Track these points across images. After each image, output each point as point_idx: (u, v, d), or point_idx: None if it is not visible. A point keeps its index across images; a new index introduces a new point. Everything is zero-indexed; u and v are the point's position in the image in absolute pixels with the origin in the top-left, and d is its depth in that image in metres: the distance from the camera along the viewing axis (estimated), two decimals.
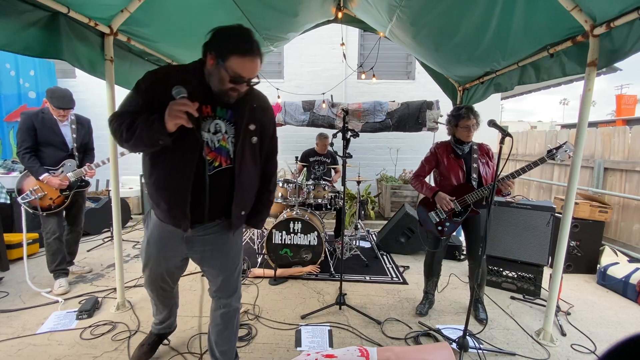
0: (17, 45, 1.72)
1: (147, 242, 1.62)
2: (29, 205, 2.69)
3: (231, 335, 1.75)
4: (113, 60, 2.30)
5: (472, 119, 2.32)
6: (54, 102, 2.66)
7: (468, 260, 2.58)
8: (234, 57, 1.28)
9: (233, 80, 1.31)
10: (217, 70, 1.32)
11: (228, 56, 1.28)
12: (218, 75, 1.32)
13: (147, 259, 1.66)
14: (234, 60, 1.28)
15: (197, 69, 1.41)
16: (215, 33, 1.35)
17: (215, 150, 1.44)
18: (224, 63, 1.29)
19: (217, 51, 1.31)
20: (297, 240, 3.23)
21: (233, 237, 1.64)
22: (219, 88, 1.36)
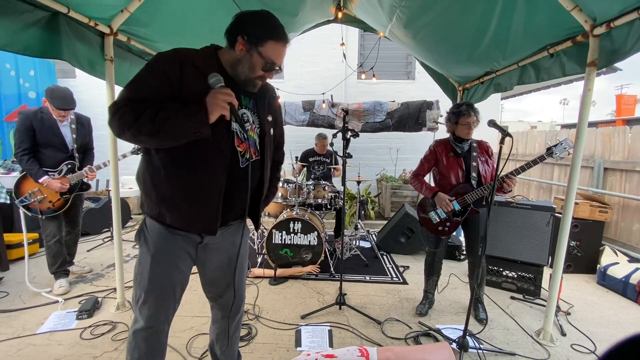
0: (17, 45, 1.72)
1: (151, 261, 1.28)
2: (27, 209, 2.65)
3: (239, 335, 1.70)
4: (113, 60, 2.30)
5: (473, 116, 2.31)
6: (54, 103, 2.58)
7: (468, 260, 2.58)
8: (271, 42, 1.21)
9: (266, 66, 1.24)
10: (248, 56, 1.22)
11: (264, 41, 1.20)
12: (250, 61, 1.22)
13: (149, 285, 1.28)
14: (270, 46, 1.21)
15: (213, 55, 1.29)
16: (245, 17, 1.24)
17: (245, 141, 1.31)
18: (257, 48, 1.20)
19: (250, 36, 1.20)
20: (297, 240, 3.23)
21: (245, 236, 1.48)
22: (247, 75, 1.25)
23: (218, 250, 1.40)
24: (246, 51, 1.22)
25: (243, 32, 1.21)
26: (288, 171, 6.13)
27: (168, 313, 1.37)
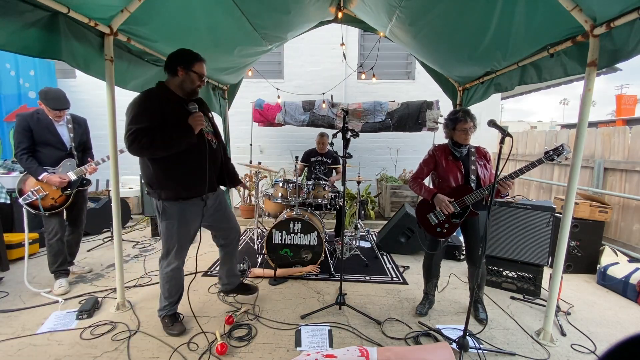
0: (16, 45, 1.72)
1: (177, 226, 2.04)
2: (30, 206, 2.68)
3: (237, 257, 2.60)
4: (113, 60, 2.30)
5: (469, 122, 2.33)
6: (50, 104, 2.64)
7: (467, 263, 2.58)
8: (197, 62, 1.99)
9: (200, 78, 2.01)
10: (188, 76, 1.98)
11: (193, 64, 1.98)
12: (190, 78, 1.99)
13: (178, 241, 2.08)
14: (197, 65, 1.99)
15: (164, 88, 2.01)
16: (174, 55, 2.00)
17: (210, 133, 2.14)
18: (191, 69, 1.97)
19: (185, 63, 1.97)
20: (297, 240, 3.23)
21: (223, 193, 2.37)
22: (191, 88, 2.01)
23: (214, 205, 2.24)
24: (185, 74, 1.98)
25: (179, 63, 1.97)
26: (289, 171, 6.16)
27: (185, 254, 2.19)
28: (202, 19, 2.56)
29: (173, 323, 2.22)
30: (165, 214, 2.04)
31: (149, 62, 2.84)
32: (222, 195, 2.34)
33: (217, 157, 2.15)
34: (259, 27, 2.99)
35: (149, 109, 1.87)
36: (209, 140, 2.07)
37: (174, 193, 1.99)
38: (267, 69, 6.08)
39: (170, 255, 2.12)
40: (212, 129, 2.19)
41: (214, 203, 2.23)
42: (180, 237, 2.08)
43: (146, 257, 3.72)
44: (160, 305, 2.25)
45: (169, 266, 2.14)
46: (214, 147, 2.12)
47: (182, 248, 2.13)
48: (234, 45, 3.23)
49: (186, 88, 2.00)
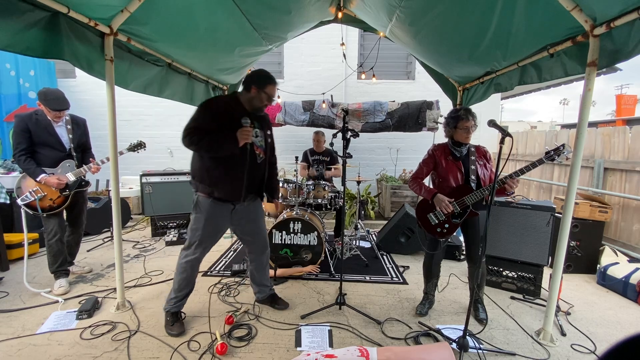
0: (19, 45, 1.72)
1: (204, 221, 2.20)
2: (29, 207, 2.68)
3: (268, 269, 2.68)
4: (113, 60, 2.30)
5: (471, 120, 2.32)
6: (50, 104, 2.63)
7: (467, 262, 2.57)
8: (269, 85, 2.19)
9: (268, 99, 2.22)
10: (259, 94, 2.19)
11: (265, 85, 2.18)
12: (259, 97, 2.19)
13: (202, 235, 2.22)
14: (269, 87, 2.19)
15: (236, 99, 2.24)
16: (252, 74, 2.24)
17: (260, 147, 2.30)
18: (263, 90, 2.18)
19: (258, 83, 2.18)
20: (297, 240, 3.23)
21: (261, 206, 2.50)
22: (258, 105, 2.23)
23: (244, 213, 2.35)
24: (257, 92, 2.18)
25: (254, 83, 2.19)
26: (289, 171, 6.16)
27: (206, 251, 2.32)
28: (202, 19, 2.55)
29: (174, 323, 2.25)
30: (197, 207, 2.22)
31: (150, 62, 2.84)
32: (256, 209, 2.43)
33: (259, 170, 2.30)
34: (259, 27, 2.99)
35: (210, 113, 2.11)
36: (256, 154, 2.24)
37: (209, 191, 2.17)
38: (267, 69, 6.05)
39: (192, 247, 2.24)
40: (264, 145, 2.33)
41: (244, 212, 2.34)
42: (204, 233, 2.22)
43: (146, 257, 3.72)
44: (168, 298, 2.32)
45: (187, 257, 2.25)
46: (258, 162, 2.27)
47: (204, 244, 2.25)
48: (234, 45, 3.23)
49: (254, 104, 2.21)
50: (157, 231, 4.51)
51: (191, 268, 2.28)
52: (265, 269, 2.61)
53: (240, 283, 3.01)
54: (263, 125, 2.35)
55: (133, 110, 6.25)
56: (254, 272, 2.59)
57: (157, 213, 4.51)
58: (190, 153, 2.19)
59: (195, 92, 3.67)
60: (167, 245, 4.11)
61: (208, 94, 3.99)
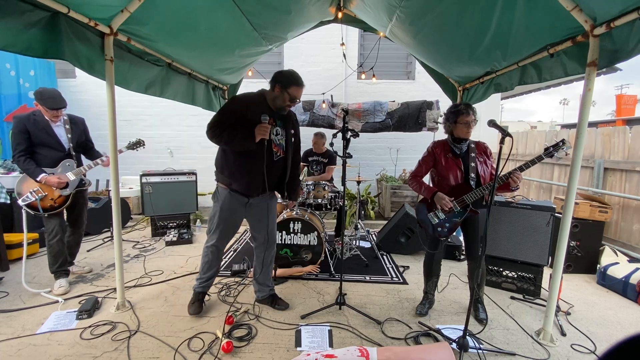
0: (19, 45, 1.72)
1: (220, 210, 2.34)
2: (30, 207, 2.68)
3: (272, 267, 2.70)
4: (113, 60, 2.30)
5: (471, 115, 2.31)
6: (47, 104, 2.63)
7: (467, 261, 2.57)
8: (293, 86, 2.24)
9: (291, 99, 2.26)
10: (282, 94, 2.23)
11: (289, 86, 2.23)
12: (282, 97, 2.24)
13: (218, 222, 2.36)
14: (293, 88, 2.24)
15: (262, 96, 2.31)
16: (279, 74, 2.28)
17: (278, 146, 2.34)
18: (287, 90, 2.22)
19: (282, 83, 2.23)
20: (297, 240, 3.23)
21: (274, 203, 2.56)
22: (281, 105, 2.27)
23: (257, 207, 2.43)
24: (280, 92, 2.24)
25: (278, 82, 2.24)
26: None
27: (226, 240, 2.47)
28: (202, 19, 2.55)
29: (194, 302, 2.49)
30: (216, 195, 2.39)
31: (150, 62, 2.83)
32: (269, 205, 2.47)
33: (276, 168, 2.35)
34: (259, 27, 2.99)
35: (234, 108, 2.22)
36: (273, 152, 2.30)
37: (227, 182, 2.31)
38: (267, 69, 6.06)
39: (211, 233, 2.42)
40: (285, 144, 2.38)
41: (257, 206, 2.42)
42: (221, 221, 2.36)
43: (146, 257, 3.72)
44: (196, 278, 2.53)
45: (207, 243, 2.44)
46: (275, 159, 2.32)
47: (220, 231, 2.39)
48: (234, 46, 3.23)
49: (277, 103, 2.27)
50: (157, 231, 4.51)
51: (212, 254, 2.44)
52: (268, 268, 2.63)
53: (240, 283, 3.01)
54: (286, 125, 2.39)
55: (133, 110, 6.24)
56: (257, 268, 2.62)
57: (157, 213, 4.51)
58: (191, 153, 2.22)
59: (196, 92, 3.67)
60: (167, 245, 4.11)
61: (208, 93, 3.99)
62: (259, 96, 2.31)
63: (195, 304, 2.49)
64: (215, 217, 2.37)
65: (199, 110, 4.03)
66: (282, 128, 2.37)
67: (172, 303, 2.64)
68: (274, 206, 2.55)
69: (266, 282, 2.63)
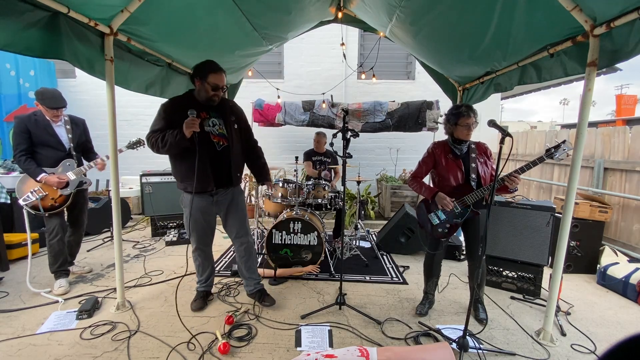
0: (18, 45, 1.72)
1: (189, 214, 2.31)
2: (31, 207, 2.68)
3: (254, 261, 2.64)
4: (113, 60, 2.30)
5: (472, 117, 2.31)
6: (47, 103, 2.64)
7: (467, 261, 2.57)
8: (211, 74, 2.19)
9: (214, 88, 2.22)
10: (202, 86, 2.21)
11: (207, 75, 2.19)
12: (204, 88, 2.21)
13: (192, 227, 2.38)
14: (212, 76, 2.20)
15: (189, 95, 2.32)
16: (195, 67, 2.24)
17: (218, 135, 2.31)
18: (206, 80, 2.19)
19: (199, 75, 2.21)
20: (297, 240, 3.23)
21: (239, 195, 2.52)
22: (205, 96, 2.24)
23: (222, 203, 2.43)
24: (200, 84, 2.23)
25: (196, 75, 2.23)
26: (289, 171, 6.16)
27: (206, 240, 2.51)
28: (202, 19, 2.55)
29: (197, 299, 2.57)
30: (182, 202, 2.42)
31: (150, 62, 2.84)
32: (234, 197, 2.48)
33: (221, 158, 2.32)
34: (260, 27, 2.99)
35: (163, 114, 2.22)
36: (214, 142, 2.29)
37: (184, 186, 2.33)
38: (267, 69, 6.08)
39: (192, 239, 2.46)
40: (226, 132, 2.34)
41: (223, 201, 2.42)
42: (194, 225, 2.39)
43: (146, 257, 3.72)
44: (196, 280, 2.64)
45: (192, 247, 2.50)
46: (218, 149, 2.30)
47: (197, 235, 2.43)
48: (234, 46, 3.23)
49: (202, 96, 2.25)
50: (157, 231, 4.51)
51: (200, 257, 2.52)
52: (248, 262, 2.60)
53: (240, 283, 3.01)
54: (223, 114, 2.36)
55: (133, 110, 6.25)
56: (238, 264, 2.65)
57: (157, 213, 4.51)
58: None
59: None
60: (167, 245, 4.11)
61: None
62: (186, 96, 2.32)
63: (198, 301, 2.54)
64: (187, 222, 2.37)
65: None
66: (219, 118, 2.34)
67: (172, 303, 2.64)
68: (240, 198, 2.53)
69: (251, 275, 2.62)
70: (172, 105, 2.25)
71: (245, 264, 2.60)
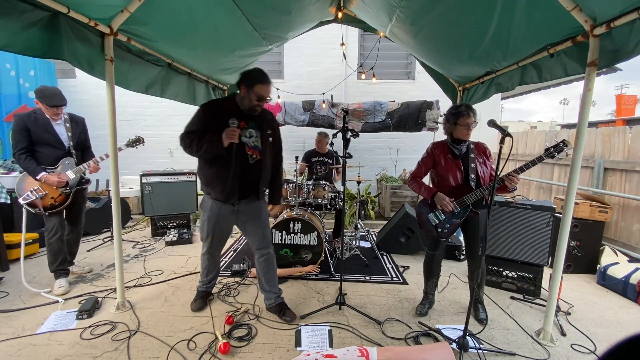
0: (18, 45, 1.72)
1: (207, 219, 2.34)
2: (30, 206, 2.69)
3: (274, 273, 2.52)
4: (113, 60, 2.30)
5: (471, 117, 2.31)
6: (47, 101, 2.64)
7: (467, 261, 2.57)
8: (258, 84, 2.14)
9: (258, 99, 2.16)
10: (248, 94, 2.15)
11: (254, 84, 2.13)
12: (249, 97, 2.15)
13: (207, 232, 2.38)
14: (258, 86, 2.14)
15: (232, 100, 2.26)
16: (243, 73, 2.19)
17: (253, 148, 2.26)
18: (252, 89, 2.13)
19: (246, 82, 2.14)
20: (297, 240, 3.23)
21: (262, 206, 2.45)
22: (249, 105, 2.18)
23: (245, 214, 2.35)
24: (246, 92, 2.16)
25: (242, 82, 2.17)
26: (289, 171, 6.16)
27: (218, 247, 2.52)
28: (202, 19, 2.55)
29: (197, 299, 2.57)
30: (202, 205, 2.41)
31: (150, 62, 2.84)
32: (257, 209, 2.39)
33: (252, 171, 2.26)
34: (260, 27, 2.99)
35: (202, 116, 2.18)
36: (248, 155, 2.24)
37: (206, 191, 2.33)
38: (267, 69, 6.00)
39: (204, 242, 2.46)
40: (260, 145, 2.28)
41: (245, 212, 2.35)
42: (210, 230, 2.37)
43: (146, 257, 3.72)
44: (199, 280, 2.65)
45: (202, 250, 2.52)
46: (250, 162, 2.25)
47: (211, 240, 2.42)
48: (234, 46, 3.23)
49: (245, 104, 2.20)
50: (157, 231, 4.51)
51: (207, 260, 2.53)
52: (267, 274, 2.47)
53: (240, 283, 3.01)
54: (261, 125, 2.30)
55: (133, 110, 6.25)
56: (258, 276, 2.53)
57: (157, 213, 4.51)
58: None
59: (196, 92, 3.67)
60: (167, 245, 4.11)
61: (208, 94, 3.99)
62: (228, 100, 2.27)
63: (198, 301, 2.54)
64: (204, 227, 2.38)
65: None
66: (257, 129, 2.28)
67: (172, 303, 2.64)
68: (264, 210, 2.45)
69: (269, 288, 2.49)
70: (212, 108, 2.21)
71: (265, 275, 2.47)
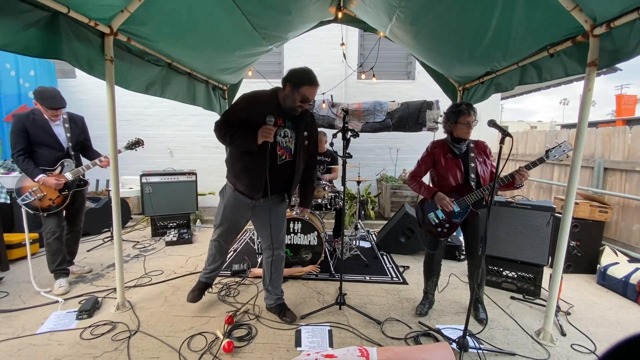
0: (17, 45, 1.71)
1: (223, 207, 2.34)
2: (29, 207, 2.68)
3: (280, 276, 2.49)
4: (113, 60, 2.30)
5: (472, 115, 2.30)
6: (46, 104, 2.62)
7: (467, 261, 2.57)
8: (305, 86, 2.09)
9: (302, 99, 2.10)
10: (292, 94, 2.09)
11: (301, 85, 2.08)
12: (292, 96, 2.10)
13: (222, 220, 2.37)
14: (305, 88, 2.09)
15: (274, 95, 2.18)
16: (291, 71, 2.14)
17: (284, 148, 2.21)
18: (298, 89, 2.08)
19: (293, 82, 2.09)
20: (297, 240, 3.23)
21: (283, 207, 2.41)
22: (291, 105, 2.12)
23: (262, 211, 2.31)
24: (291, 91, 2.10)
25: (289, 80, 2.10)
26: None
27: (229, 237, 2.48)
28: (202, 19, 2.55)
29: (195, 289, 2.55)
30: (222, 192, 2.39)
31: (150, 62, 2.83)
32: (276, 209, 2.35)
33: (280, 172, 2.22)
34: (260, 27, 2.99)
35: (241, 107, 2.15)
36: (278, 155, 2.19)
37: (232, 182, 2.30)
38: (267, 69, 6.07)
39: (215, 229, 2.45)
40: (293, 147, 2.23)
41: (263, 210, 2.30)
42: (224, 219, 2.37)
43: (146, 257, 3.72)
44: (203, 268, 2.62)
45: (212, 237, 2.49)
46: (278, 162, 2.20)
47: (223, 229, 2.40)
48: (234, 46, 3.23)
49: (287, 103, 2.14)
50: (157, 231, 4.51)
51: (215, 248, 2.49)
52: (274, 275, 2.44)
53: (240, 283, 3.01)
54: (298, 126, 2.23)
55: (133, 110, 6.24)
56: (265, 276, 2.52)
57: (157, 213, 4.51)
58: (191, 153, 2.22)
59: (196, 92, 3.67)
60: (167, 245, 4.11)
61: (208, 93, 3.99)
62: (270, 95, 2.18)
63: (195, 292, 2.53)
64: (219, 214, 2.38)
65: (199, 110, 4.02)
66: (293, 130, 2.21)
67: (172, 303, 2.64)
68: (282, 211, 2.41)
69: (274, 290, 2.47)
70: (253, 100, 2.15)
71: (271, 276, 2.44)
